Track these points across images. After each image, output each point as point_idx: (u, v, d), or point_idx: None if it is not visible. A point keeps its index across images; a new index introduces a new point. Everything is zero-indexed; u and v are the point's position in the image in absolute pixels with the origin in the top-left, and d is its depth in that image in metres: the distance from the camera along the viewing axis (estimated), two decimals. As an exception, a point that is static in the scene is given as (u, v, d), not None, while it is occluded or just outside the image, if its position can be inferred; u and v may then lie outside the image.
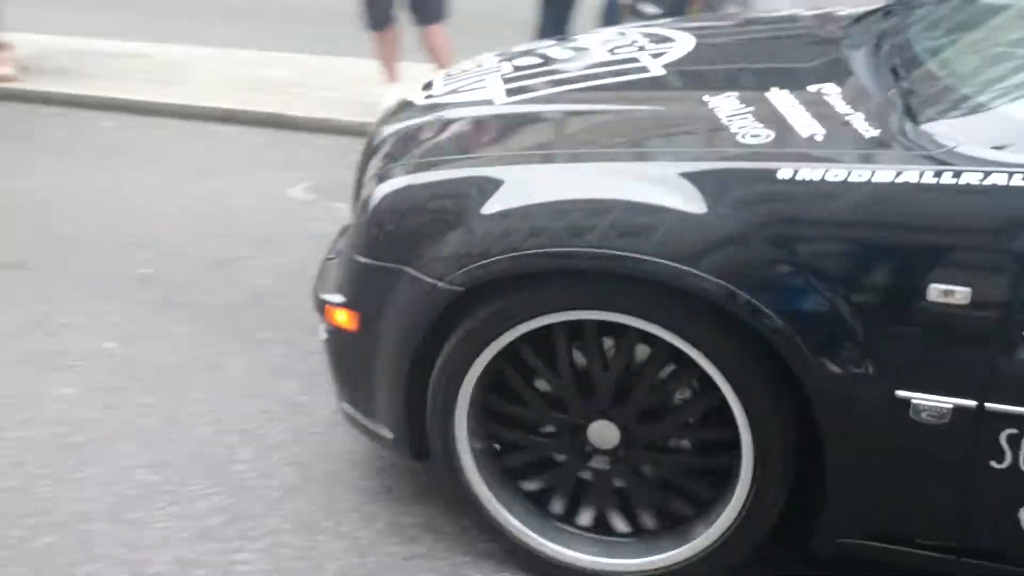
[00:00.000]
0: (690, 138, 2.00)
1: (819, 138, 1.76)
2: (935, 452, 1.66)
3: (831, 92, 1.93)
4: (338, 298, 2.08)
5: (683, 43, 2.46)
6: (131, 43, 6.67)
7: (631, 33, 2.66)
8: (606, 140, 2.05)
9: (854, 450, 1.72)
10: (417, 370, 1.95)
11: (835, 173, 1.64)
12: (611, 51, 2.48)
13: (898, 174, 1.60)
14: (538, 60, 2.51)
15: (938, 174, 1.58)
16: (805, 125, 1.81)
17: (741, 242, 1.67)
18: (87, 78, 5.91)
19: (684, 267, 1.67)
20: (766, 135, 1.80)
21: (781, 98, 1.94)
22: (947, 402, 1.61)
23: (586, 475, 1.97)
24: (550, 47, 2.66)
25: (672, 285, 1.70)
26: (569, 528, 2.01)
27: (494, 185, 1.87)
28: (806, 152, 1.73)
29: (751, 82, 2.17)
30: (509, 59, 2.56)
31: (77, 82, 5.83)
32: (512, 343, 1.87)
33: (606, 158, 1.95)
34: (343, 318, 2.07)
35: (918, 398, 1.63)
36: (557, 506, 2.01)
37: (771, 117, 1.86)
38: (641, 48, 2.44)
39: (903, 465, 1.70)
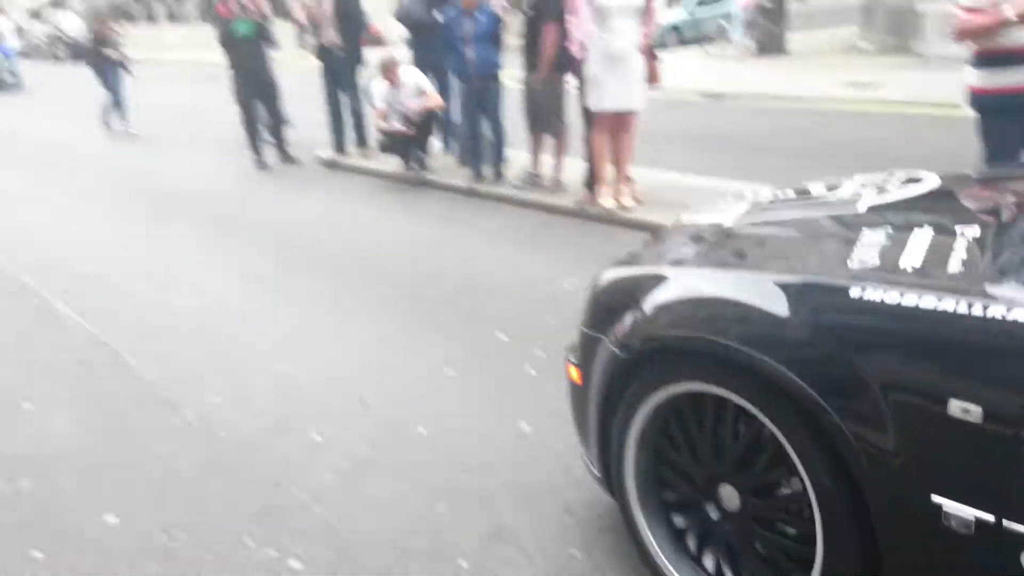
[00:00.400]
0: (816, 259, 2.32)
1: (910, 268, 2.04)
2: (968, 563, 1.79)
3: (967, 235, 2.16)
4: (573, 358, 2.72)
5: (921, 186, 2.72)
6: (731, 181, 7.10)
7: (895, 174, 2.91)
8: (754, 257, 2.49)
9: (903, 545, 1.90)
10: (608, 422, 2.51)
11: (892, 295, 1.89)
12: (857, 187, 2.79)
13: (939, 300, 1.82)
14: (789, 194, 2.95)
15: (970, 305, 1.78)
16: (914, 257, 2.09)
17: (809, 344, 1.98)
18: (686, 211, 6.39)
19: (762, 356, 2.03)
20: (873, 262, 2.11)
21: (922, 235, 2.22)
22: (971, 513, 1.75)
23: (717, 528, 2.37)
24: (814, 183, 2.98)
25: (756, 370, 2.05)
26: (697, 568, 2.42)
27: (660, 282, 2.41)
28: (889, 277, 1.99)
29: (914, 221, 2.39)
30: (777, 190, 3.04)
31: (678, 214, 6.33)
32: (657, 407, 2.38)
33: (739, 269, 2.38)
34: (574, 374, 2.71)
35: (948, 506, 1.78)
36: (694, 549, 2.45)
37: (894, 248, 2.16)
38: (879, 188, 2.74)
39: (945, 570, 1.85)
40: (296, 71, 13.29)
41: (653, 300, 2.36)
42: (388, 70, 8.14)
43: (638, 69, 6.39)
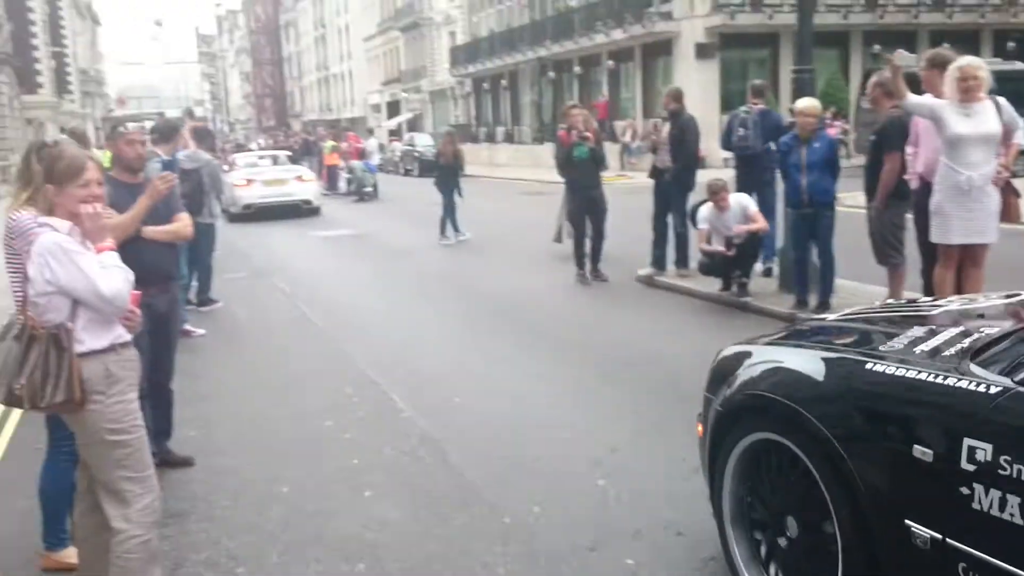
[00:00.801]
0: (863, 343, 3.15)
1: (918, 351, 2.78)
2: (930, 573, 2.41)
3: (984, 331, 2.85)
4: (699, 417, 3.50)
5: (1004, 299, 3.45)
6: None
7: (1006, 292, 3.61)
8: (821, 339, 3.30)
9: (891, 558, 2.52)
10: (714, 464, 3.28)
11: (890, 368, 2.67)
12: (953, 298, 3.90)
13: (917, 373, 2.59)
14: (901, 302, 3.97)
15: (935, 375, 2.53)
16: (930, 345, 2.82)
17: (833, 401, 2.78)
18: None
19: (799, 409, 2.81)
20: (898, 347, 2.88)
21: (951, 331, 2.94)
22: (927, 533, 2.38)
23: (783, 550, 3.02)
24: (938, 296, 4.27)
25: (798, 422, 2.80)
26: None
27: (748, 356, 3.28)
28: (901, 357, 2.75)
29: (958, 322, 3.14)
30: (893, 299, 4.00)
31: None
32: (743, 451, 3.12)
33: (803, 347, 3.20)
34: (699, 429, 3.47)
35: (914, 527, 2.42)
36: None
37: (923, 339, 2.89)
38: (970, 300, 3.69)
39: None
40: (617, 189, 13.78)
41: (743, 368, 3.22)
42: (716, 194, 8.20)
43: (992, 202, 5.92)
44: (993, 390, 2.34)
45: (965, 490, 2.28)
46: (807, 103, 7.46)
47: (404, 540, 3.92)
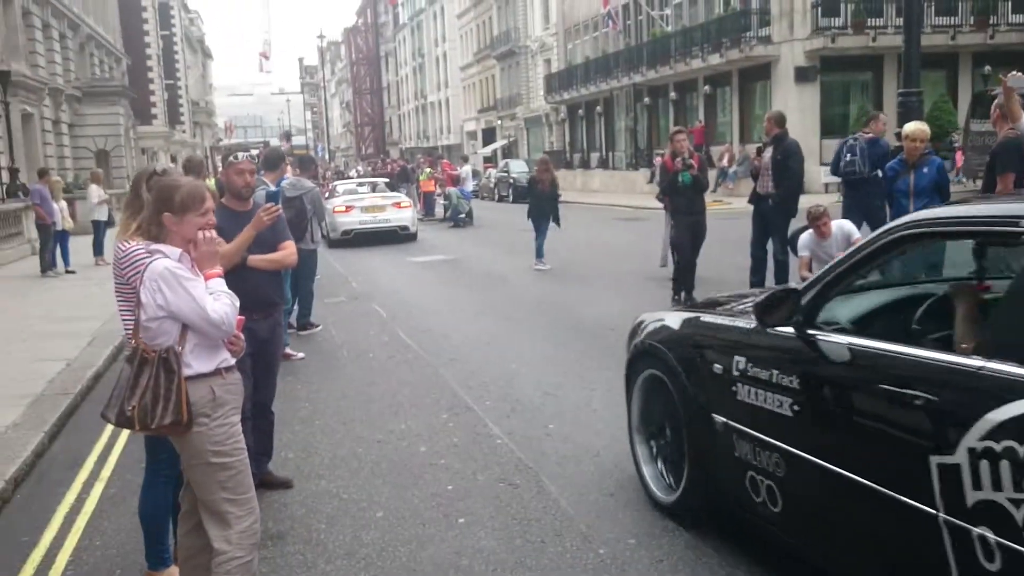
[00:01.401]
0: (715, 306, 4.55)
1: (736, 310, 4.17)
2: (727, 446, 3.75)
3: None
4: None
5: None
6: None
7: None
8: (699, 306, 5.07)
9: (710, 441, 3.91)
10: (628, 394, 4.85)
11: (711, 319, 4.17)
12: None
13: (722, 320, 4.09)
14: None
15: (729, 320, 4.02)
16: (743, 307, 4.15)
17: (681, 343, 4.23)
18: None
19: (664, 349, 4.32)
20: (728, 307, 4.37)
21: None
22: (721, 420, 3.78)
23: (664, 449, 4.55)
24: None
25: (663, 358, 4.33)
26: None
27: (649, 318, 4.74)
28: (721, 313, 4.23)
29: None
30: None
31: None
32: (641, 383, 4.64)
33: (682, 311, 4.83)
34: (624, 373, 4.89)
35: (716, 418, 3.82)
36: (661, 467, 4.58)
37: (746, 303, 4.20)
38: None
39: (721, 449, 3.82)
40: (713, 214, 13.56)
41: (644, 326, 4.66)
42: (817, 219, 7.99)
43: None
44: (751, 327, 3.68)
45: (735, 388, 3.67)
46: (914, 127, 7.22)
47: (498, 569, 3.90)
